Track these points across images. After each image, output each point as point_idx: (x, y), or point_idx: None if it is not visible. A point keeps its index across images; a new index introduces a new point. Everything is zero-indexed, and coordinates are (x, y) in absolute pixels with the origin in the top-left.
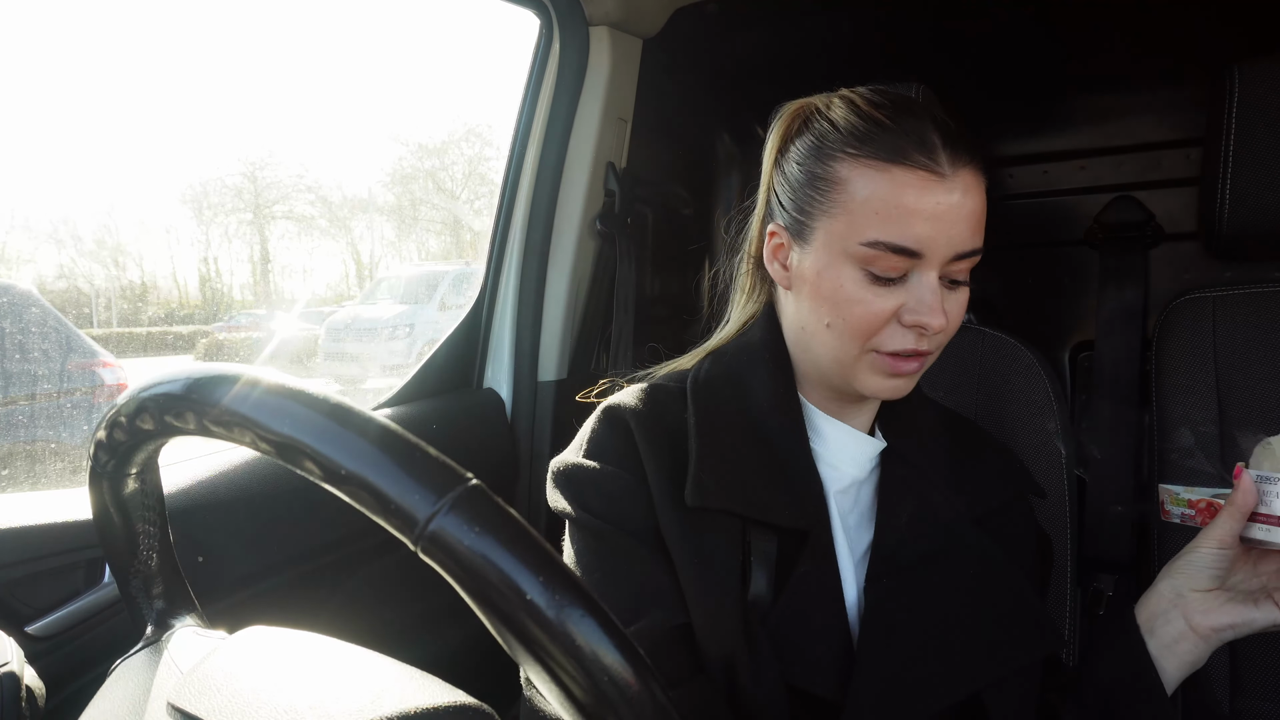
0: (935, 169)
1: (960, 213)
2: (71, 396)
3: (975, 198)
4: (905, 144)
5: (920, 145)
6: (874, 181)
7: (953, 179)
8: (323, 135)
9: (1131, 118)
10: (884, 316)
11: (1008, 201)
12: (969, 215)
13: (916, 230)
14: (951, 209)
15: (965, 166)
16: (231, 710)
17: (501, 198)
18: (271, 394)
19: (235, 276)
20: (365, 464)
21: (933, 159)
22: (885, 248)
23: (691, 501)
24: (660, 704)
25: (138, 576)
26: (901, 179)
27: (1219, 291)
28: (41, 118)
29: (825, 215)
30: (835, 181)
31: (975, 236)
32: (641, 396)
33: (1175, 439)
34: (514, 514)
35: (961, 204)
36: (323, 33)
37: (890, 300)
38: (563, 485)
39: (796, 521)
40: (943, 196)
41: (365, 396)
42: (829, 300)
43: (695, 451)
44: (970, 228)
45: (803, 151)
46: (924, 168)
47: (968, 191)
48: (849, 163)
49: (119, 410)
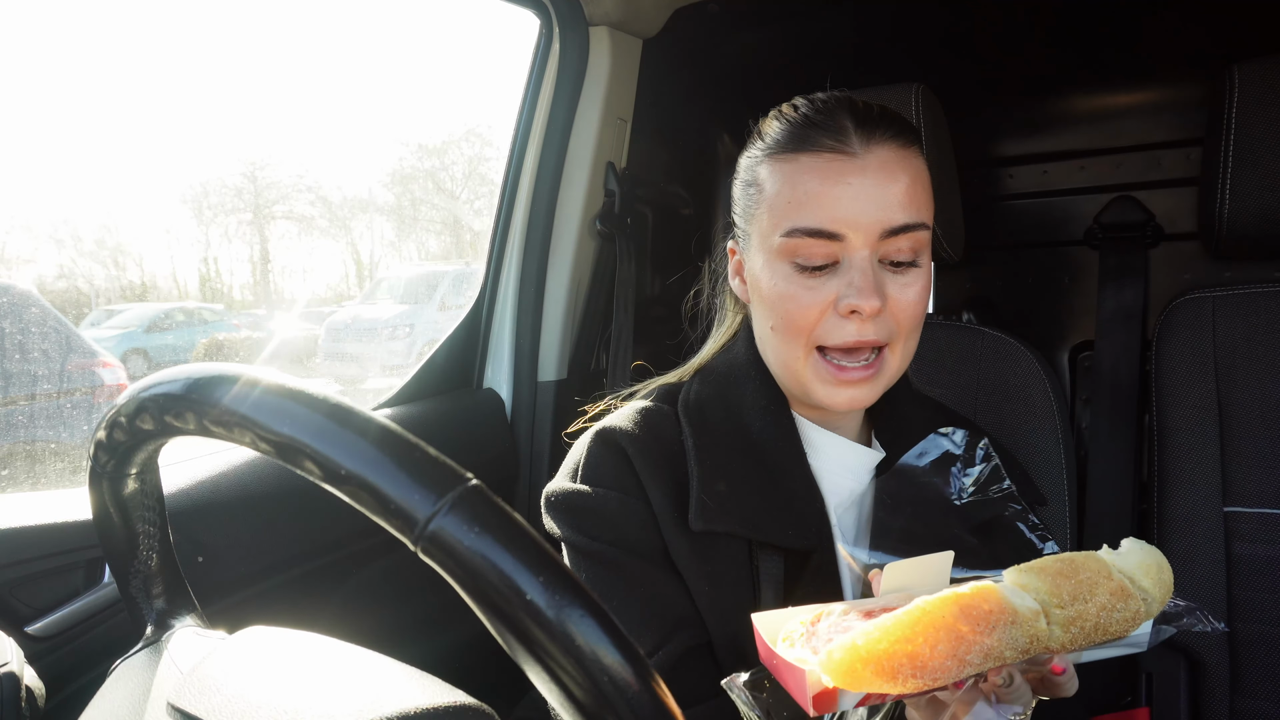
0: (844, 149)
1: (879, 190)
2: (71, 396)
3: (899, 173)
4: (812, 132)
5: (828, 130)
6: (784, 173)
7: (865, 156)
8: (323, 135)
9: (1131, 118)
10: (818, 308)
11: (1008, 201)
12: (892, 191)
13: (829, 211)
14: (868, 187)
15: (883, 144)
16: (231, 710)
17: (501, 198)
18: (271, 394)
19: (235, 276)
20: (365, 464)
21: (841, 140)
22: (802, 233)
23: (696, 526)
24: (660, 704)
25: (138, 576)
26: (808, 164)
27: (1219, 291)
28: (42, 118)
29: (754, 218)
30: (758, 184)
31: (905, 211)
32: (635, 419)
33: (1175, 439)
34: (514, 514)
35: (881, 180)
36: (323, 33)
37: (823, 291)
38: (561, 512)
39: (800, 542)
40: (855, 176)
41: (365, 396)
42: (768, 301)
43: (695, 475)
44: (896, 202)
45: (741, 167)
46: (830, 150)
47: (885, 167)
48: (767, 164)
49: (119, 410)
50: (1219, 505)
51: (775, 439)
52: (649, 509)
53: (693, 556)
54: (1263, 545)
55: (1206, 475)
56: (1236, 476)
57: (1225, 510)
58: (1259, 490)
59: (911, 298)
